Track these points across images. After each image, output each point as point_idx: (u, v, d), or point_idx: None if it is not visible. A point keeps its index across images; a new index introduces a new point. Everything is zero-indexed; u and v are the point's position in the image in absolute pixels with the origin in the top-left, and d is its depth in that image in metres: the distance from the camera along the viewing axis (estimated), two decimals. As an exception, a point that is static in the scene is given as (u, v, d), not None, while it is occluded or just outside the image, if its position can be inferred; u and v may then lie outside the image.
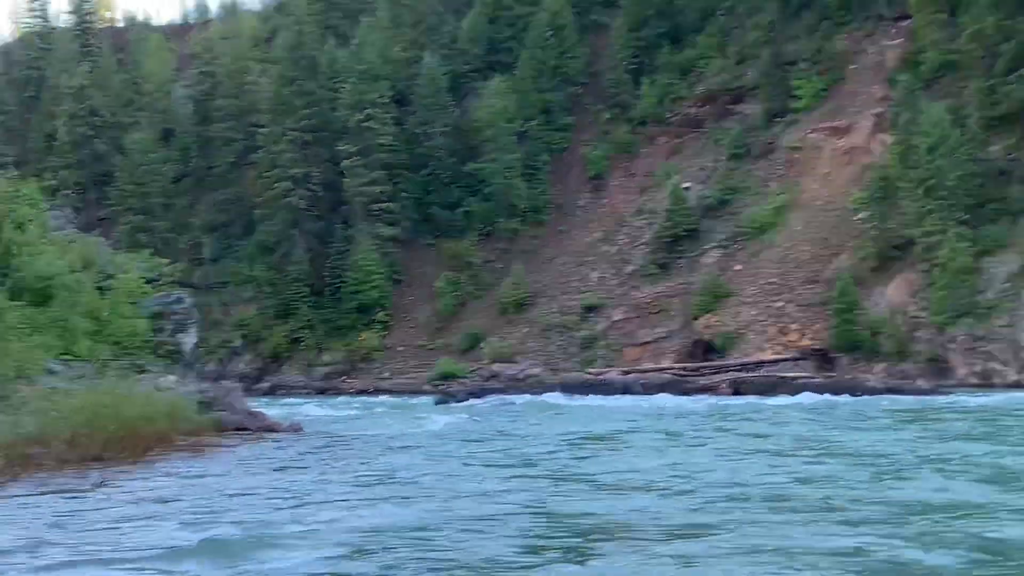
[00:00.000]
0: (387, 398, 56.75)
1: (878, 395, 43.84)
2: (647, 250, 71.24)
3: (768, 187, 69.20)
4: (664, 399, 46.17)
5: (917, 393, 44.28)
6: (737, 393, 48.68)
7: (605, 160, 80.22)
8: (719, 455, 20.65)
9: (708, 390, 50.19)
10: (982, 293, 53.14)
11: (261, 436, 25.69)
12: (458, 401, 49.00)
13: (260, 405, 33.79)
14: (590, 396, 48.22)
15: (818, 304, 59.38)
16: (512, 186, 78.18)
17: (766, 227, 66.25)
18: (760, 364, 55.95)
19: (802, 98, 71.89)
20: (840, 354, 56.40)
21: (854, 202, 62.58)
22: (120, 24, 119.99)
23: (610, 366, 61.80)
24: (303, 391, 69.49)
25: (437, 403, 49.03)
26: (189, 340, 33.04)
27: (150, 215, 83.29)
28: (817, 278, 61.02)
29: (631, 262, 71.69)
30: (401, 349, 74.23)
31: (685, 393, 49.18)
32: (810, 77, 72.50)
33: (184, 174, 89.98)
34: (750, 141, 72.96)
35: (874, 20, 73.69)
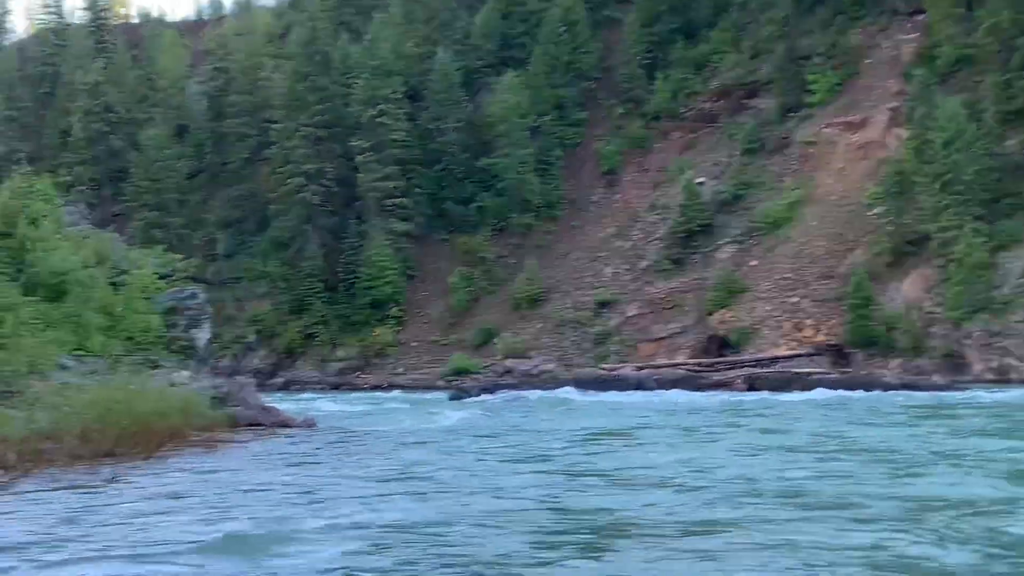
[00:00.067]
0: (400, 394, 56.77)
1: (893, 391, 43.66)
2: (661, 245, 71.07)
3: (782, 182, 68.96)
4: (678, 395, 46.16)
5: (933, 389, 44.10)
6: (752, 389, 48.56)
7: (618, 155, 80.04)
8: (733, 451, 20.57)
9: (722, 386, 50.05)
10: (998, 288, 52.86)
11: (275, 432, 25.67)
12: (472, 397, 49.00)
13: (274, 400, 33.81)
14: (604, 392, 48.13)
15: (833, 300, 59.15)
16: (525, 181, 78.05)
17: (781, 222, 66.01)
18: (775, 360, 55.77)
19: (817, 93, 71.61)
20: (855, 350, 56.17)
21: (869, 197, 62.32)
22: (134, 20, 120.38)
23: (624, 362, 61.66)
24: (317, 386, 69.61)
25: (451, 399, 49.04)
26: (203, 335, 33.05)
27: (164, 211, 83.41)
28: (832, 273, 60.79)
29: (645, 257, 71.53)
30: (415, 345, 74.20)
31: (699, 389, 49.10)
32: (825, 72, 72.20)
33: (198, 170, 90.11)
34: (764, 136, 72.71)
35: (889, 14, 73.38)
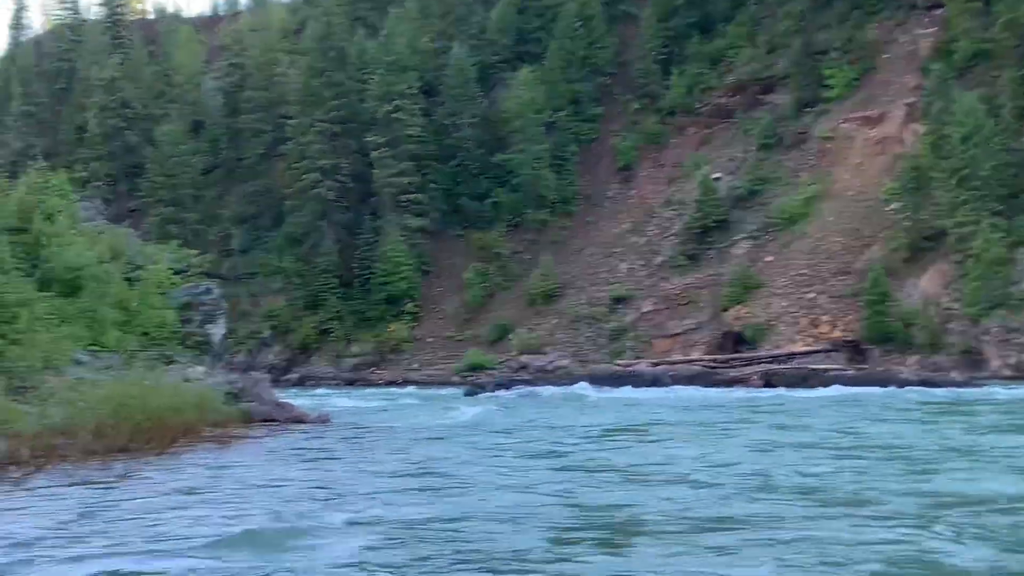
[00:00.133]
0: (415, 389, 56.73)
1: (911, 387, 43.44)
2: (676, 241, 70.90)
3: (799, 177, 68.71)
4: (694, 391, 46.00)
5: (950, 385, 43.85)
6: (768, 385, 48.36)
7: (634, 151, 79.88)
8: (749, 447, 20.48)
9: (738, 382, 49.89)
10: (1016, 284, 52.56)
11: (289, 427, 25.66)
12: (487, 392, 48.94)
13: (289, 396, 33.80)
14: (619, 388, 48.02)
15: (850, 296, 58.89)
16: (540, 177, 77.95)
17: (797, 218, 65.77)
18: (791, 356, 55.53)
19: (834, 88, 71.33)
20: (872, 346, 55.93)
21: (886, 192, 62.06)
22: (150, 16, 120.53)
23: (639, 358, 61.52)
24: (332, 382, 69.66)
25: (466, 394, 49.02)
26: (217, 331, 33.03)
27: (180, 207, 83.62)
28: (849, 269, 60.52)
29: (660, 253, 71.37)
30: (430, 340, 74.19)
31: (715, 385, 48.95)
32: (842, 66, 71.93)
33: (214, 166, 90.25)
34: (781, 131, 72.46)
35: (906, 9, 73.03)
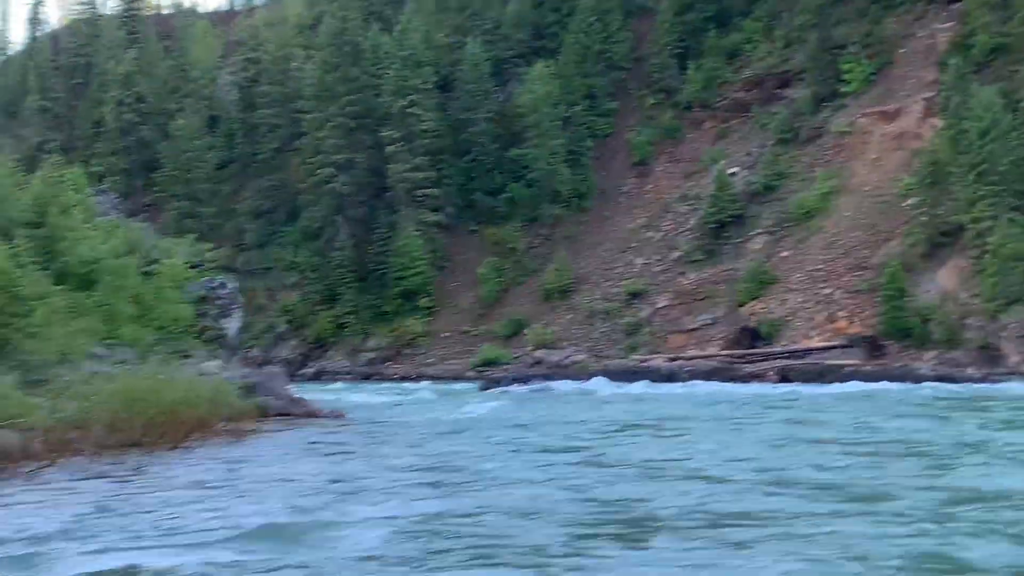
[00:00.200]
0: (430, 384, 56.73)
1: (928, 383, 43.27)
2: (692, 236, 70.64)
3: (815, 172, 68.31)
4: (710, 386, 45.94)
5: (967, 381, 43.67)
6: (784, 380, 48.29)
7: (650, 145, 79.62)
8: (765, 442, 20.42)
9: (755, 377, 49.80)
10: (1034, 279, 52.18)
11: (304, 422, 25.65)
12: (502, 387, 48.94)
13: (304, 390, 33.80)
14: (635, 383, 47.97)
15: (867, 291, 58.57)
16: (556, 172, 77.76)
17: (814, 213, 65.43)
18: (808, 351, 55.33)
19: (851, 82, 70.91)
20: (890, 341, 55.60)
21: (903, 187, 61.68)
22: (166, 11, 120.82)
23: (655, 353, 61.41)
24: (347, 376, 69.66)
25: (482, 389, 49.05)
26: (233, 325, 33.08)
27: (195, 201, 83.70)
28: (866, 264, 60.18)
29: (676, 248, 71.11)
30: (445, 335, 74.10)
31: (731, 380, 48.86)
32: (859, 61, 71.46)
33: (229, 160, 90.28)
34: (797, 126, 72.07)
35: (924, 3, 72.52)
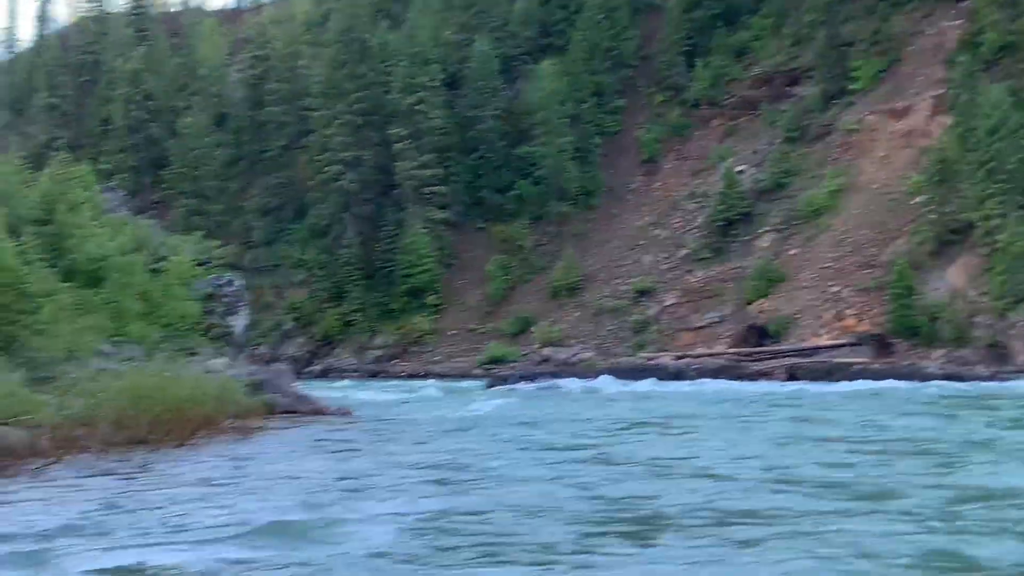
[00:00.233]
0: (437, 381, 56.74)
1: (936, 381, 43.17)
2: (700, 234, 70.51)
3: (824, 170, 68.14)
4: (717, 384, 45.88)
5: (976, 379, 43.56)
6: (792, 379, 48.23)
7: (658, 143, 79.49)
8: (773, 441, 20.37)
9: (762, 376, 49.74)
10: (1043, 278, 52.02)
11: (311, 419, 25.63)
12: (509, 385, 48.90)
13: (311, 388, 33.79)
14: (642, 381, 47.94)
15: (875, 289, 58.42)
16: (563, 169, 77.65)
17: (822, 211, 65.27)
18: (816, 349, 55.22)
19: (859, 80, 70.71)
20: (898, 340, 55.47)
21: (912, 185, 61.51)
22: (174, 9, 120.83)
23: (662, 351, 61.31)
24: (355, 374, 69.67)
25: (488, 386, 49.00)
26: (240, 322, 33.08)
27: (203, 198, 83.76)
28: (874, 262, 60.02)
29: (684, 246, 70.99)
30: (452, 333, 74.06)
31: (739, 378, 48.81)
32: (868, 58, 71.28)
33: (237, 158, 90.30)
34: (806, 123, 71.89)
35: (932, 1, 72.33)
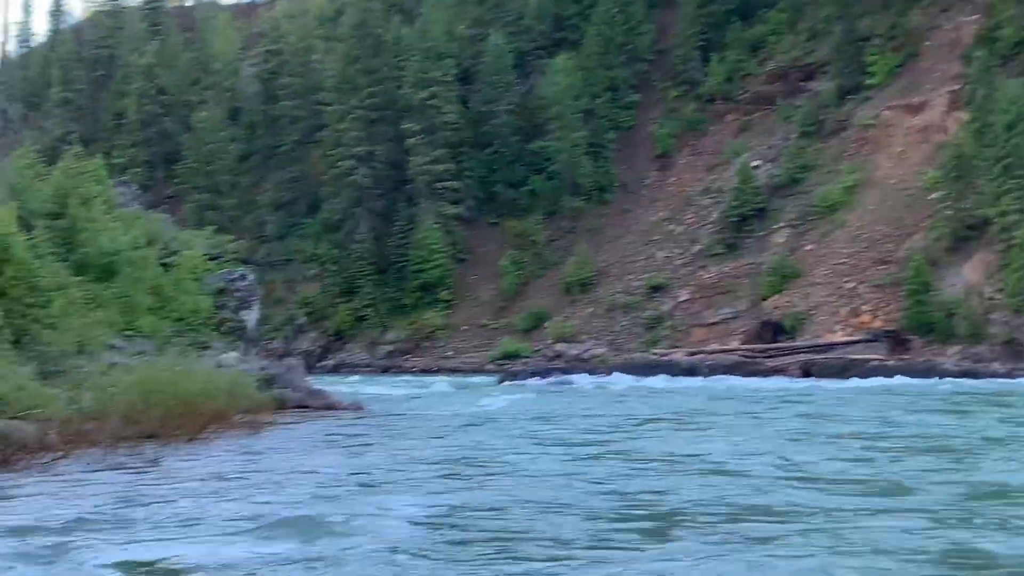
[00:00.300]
0: (449, 377, 56.67)
1: (952, 378, 42.97)
2: (714, 229, 70.26)
3: (839, 165, 67.85)
4: (731, 381, 45.77)
5: (992, 376, 43.36)
6: (807, 375, 48.07)
7: (672, 138, 79.24)
8: (787, 437, 20.28)
9: (777, 372, 49.56)
10: (1060, 275, 51.70)
11: (322, 414, 25.55)
12: (521, 380, 48.83)
13: (323, 383, 33.71)
14: (655, 377, 47.82)
15: (891, 285, 58.14)
16: (577, 164, 77.48)
17: (837, 206, 64.98)
18: (831, 346, 54.96)
19: (875, 75, 70.40)
20: (914, 336, 55.18)
21: (928, 181, 61.21)
22: (188, 3, 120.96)
23: (676, 347, 61.10)
24: (367, 369, 69.64)
25: (501, 382, 48.94)
26: (252, 317, 33.00)
27: (216, 193, 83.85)
28: (890, 258, 59.73)
29: (698, 241, 70.74)
30: (464, 328, 73.98)
31: (753, 375, 48.65)
32: (884, 53, 70.95)
33: (250, 152, 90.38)
34: (821, 118, 71.60)
35: (949, -5, 72.01)
